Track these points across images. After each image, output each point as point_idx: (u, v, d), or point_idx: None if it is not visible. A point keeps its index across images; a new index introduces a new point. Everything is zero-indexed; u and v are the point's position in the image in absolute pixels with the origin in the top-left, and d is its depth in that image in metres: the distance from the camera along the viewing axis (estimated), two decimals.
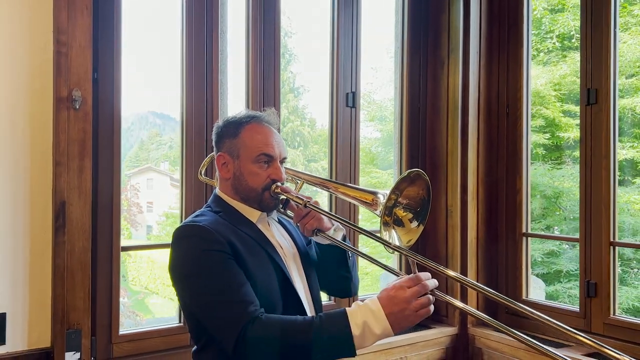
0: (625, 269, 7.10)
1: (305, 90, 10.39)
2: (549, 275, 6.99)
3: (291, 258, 1.70)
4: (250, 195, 1.66)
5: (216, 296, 1.48)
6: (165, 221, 11.28)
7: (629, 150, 7.31)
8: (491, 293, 1.47)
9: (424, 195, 1.57)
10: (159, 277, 11.05)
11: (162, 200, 11.44)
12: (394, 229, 1.56)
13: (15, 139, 2.09)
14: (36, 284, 2.13)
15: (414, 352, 3.09)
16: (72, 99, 2.12)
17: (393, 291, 1.42)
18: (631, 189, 7.21)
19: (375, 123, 9.20)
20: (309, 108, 10.61)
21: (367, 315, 1.40)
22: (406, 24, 3.40)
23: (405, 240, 1.58)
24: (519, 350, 3.01)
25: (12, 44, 2.08)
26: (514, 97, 3.33)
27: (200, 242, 1.54)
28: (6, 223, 2.08)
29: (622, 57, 7.30)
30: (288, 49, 8.88)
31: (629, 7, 7.51)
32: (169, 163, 12.31)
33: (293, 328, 1.42)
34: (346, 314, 1.40)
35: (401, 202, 1.55)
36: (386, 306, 1.40)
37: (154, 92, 4.36)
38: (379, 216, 1.54)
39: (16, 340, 2.10)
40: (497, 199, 3.40)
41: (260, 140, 1.65)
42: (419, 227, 1.59)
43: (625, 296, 6.84)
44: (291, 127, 10.20)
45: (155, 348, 2.56)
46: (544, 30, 8.05)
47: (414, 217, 1.58)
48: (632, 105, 7.15)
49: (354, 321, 1.40)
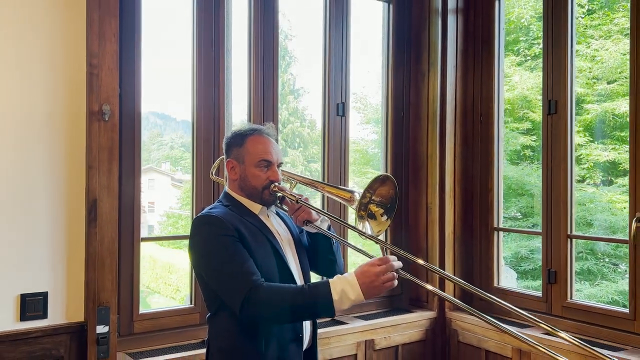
0: (607, 265, 7.48)
1: (305, 91, 10.65)
2: (535, 272, 7.36)
3: (286, 243, 2.11)
4: (253, 193, 2.06)
5: (226, 270, 1.89)
6: (167, 221, 11.52)
7: (611, 152, 7.67)
8: (451, 278, 1.88)
9: (392, 194, 1.98)
10: (160, 276, 11.31)
11: (164, 201, 11.68)
12: (368, 222, 1.97)
13: (55, 146, 2.49)
14: (72, 268, 2.53)
15: (396, 332, 3.50)
16: (102, 113, 2.52)
17: (366, 267, 1.81)
18: (612, 188, 7.59)
19: (371, 125, 9.56)
20: (308, 109, 10.84)
21: (344, 285, 1.79)
22: (391, 40, 3.81)
23: (376, 231, 1.99)
24: (489, 330, 3.42)
25: (52, 66, 2.48)
26: (487, 105, 3.74)
27: (214, 228, 1.94)
28: (47, 217, 2.48)
29: (605, 63, 7.67)
30: (288, 51, 9.15)
31: (611, 15, 7.89)
32: (170, 163, 12.53)
33: (288, 292, 1.83)
34: (329, 283, 1.81)
35: (374, 199, 1.96)
36: (360, 278, 1.79)
37: (155, 93, 4.61)
38: (355, 209, 1.95)
39: (56, 315, 2.50)
40: (472, 197, 3.81)
41: (261, 149, 2.06)
42: (388, 221, 2.00)
43: (605, 290, 7.22)
44: (291, 128, 10.40)
45: (170, 326, 2.97)
46: (532, 36, 8.41)
47: (385, 212, 1.99)
48: (612, 109, 7.53)
49: (334, 289, 1.79)
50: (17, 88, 2.41)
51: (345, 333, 3.28)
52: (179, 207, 11.77)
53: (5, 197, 2.38)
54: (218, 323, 2.03)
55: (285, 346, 1.99)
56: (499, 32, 3.73)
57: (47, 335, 2.46)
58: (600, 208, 7.25)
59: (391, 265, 1.81)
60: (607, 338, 3.07)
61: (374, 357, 3.38)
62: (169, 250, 11.12)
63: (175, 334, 2.97)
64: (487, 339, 3.42)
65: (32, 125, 2.44)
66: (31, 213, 2.44)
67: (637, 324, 2.97)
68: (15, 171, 2.41)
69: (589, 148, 7.47)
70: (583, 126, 7.60)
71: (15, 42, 2.40)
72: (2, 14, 2.37)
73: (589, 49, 7.62)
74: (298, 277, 2.06)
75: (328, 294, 1.78)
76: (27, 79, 2.43)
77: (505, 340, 3.32)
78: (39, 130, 2.46)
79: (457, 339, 3.60)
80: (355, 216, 1.95)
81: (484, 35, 3.75)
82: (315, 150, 10.58)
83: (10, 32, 2.39)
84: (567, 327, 3.24)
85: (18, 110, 2.41)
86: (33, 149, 2.45)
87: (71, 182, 2.53)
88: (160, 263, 11.09)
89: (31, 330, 2.43)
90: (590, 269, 7.20)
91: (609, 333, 3.07)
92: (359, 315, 3.56)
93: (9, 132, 2.39)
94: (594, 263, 7.23)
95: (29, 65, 2.43)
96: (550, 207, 3.37)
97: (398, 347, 3.50)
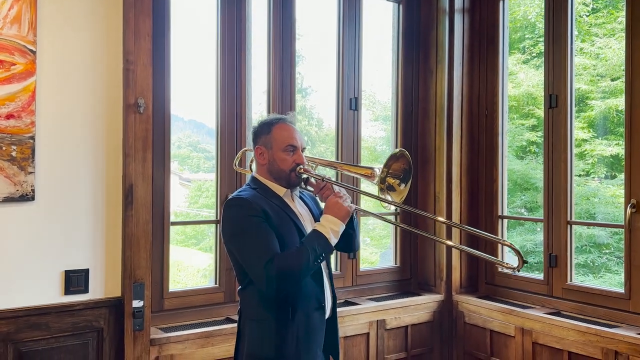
0: (610, 258, 7.65)
1: (312, 90, 10.85)
2: (540, 265, 7.52)
3: (308, 222, 2.33)
4: (281, 175, 2.29)
5: (252, 248, 2.12)
6: (174, 219, 11.81)
7: (615, 147, 7.84)
8: (471, 230, 2.14)
9: (405, 166, 2.30)
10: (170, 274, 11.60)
11: (172, 200, 11.94)
12: (389, 194, 2.24)
13: (96, 136, 2.73)
14: (110, 247, 2.77)
15: (406, 313, 3.72)
16: (137, 105, 2.76)
17: (329, 203, 2.24)
18: (615, 181, 7.75)
19: (379, 122, 9.75)
20: (316, 108, 11.05)
21: (327, 223, 2.19)
22: (400, 38, 4.03)
23: (398, 199, 2.30)
24: (493, 311, 3.64)
25: (92, 63, 2.72)
26: (492, 101, 3.95)
27: (242, 209, 2.17)
28: (88, 201, 2.72)
29: (609, 61, 7.84)
30: (296, 50, 9.40)
31: (615, 14, 8.05)
32: (178, 162, 12.81)
33: (292, 253, 2.11)
34: (317, 230, 2.18)
35: (391, 173, 2.28)
36: (331, 211, 2.22)
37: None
38: (376, 184, 2.20)
39: (96, 290, 2.74)
40: (477, 187, 4.02)
41: (287, 135, 2.29)
42: (406, 187, 2.32)
43: (609, 282, 7.39)
44: (299, 126, 10.62)
45: (197, 303, 3.21)
46: (537, 34, 8.58)
47: (401, 181, 2.26)
48: (616, 105, 7.69)
49: (323, 231, 2.18)
50: (62, 83, 2.65)
51: (358, 313, 3.50)
52: (187, 206, 12.04)
53: (51, 183, 2.62)
54: (248, 295, 2.25)
55: (309, 314, 2.22)
56: (503, 30, 3.94)
57: (88, 308, 2.70)
58: (604, 202, 7.43)
59: (344, 194, 2.29)
60: (604, 317, 3.28)
61: (385, 336, 3.60)
62: (178, 249, 11.41)
63: (200, 311, 3.21)
64: (491, 320, 3.63)
65: (76, 117, 2.69)
66: (74, 197, 2.68)
67: (632, 303, 3.18)
68: (61, 159, 2.65)
69: (593, 143, 7.65)
70: (587, 122, 7.78)
71: (61, 40, 2.64)
72: (47, 14, 2.61)
73: (593, 47, 7.80)
74: None
75: (321, 236, 2.17)
76: (72, 74, 2.67)
77: (509, 320, 3.53)
78: (82, 122, 2.70)
79: (464, 320, 3.82)
80: (377, 189, 2.22)
81: (489, 33, 3.97)
82: (322, 148, 10.76)
83: (57, 31, 2.63)
84: (568, 308, 3.46)
85: (64, 103, 2.66)
86: (77, 139, 2.69)
87: (110, 169, 2.77)
88: (173, 260, 11.35)
89: (74, 303, 2.67)
90: (594, 261, 7.38)
91: (606, 312, 3.28)
92: (371, 297, 3.79)
93: (55, 123, 2.63)
94: (598, 256, 7.41)
95: (73, 61, 2.68)
96: (551, 195, 3.58)
97: (408, 327, 3.72)
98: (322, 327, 2.27)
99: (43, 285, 2.61)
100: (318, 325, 2.25)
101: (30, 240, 2.58)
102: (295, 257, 2.10)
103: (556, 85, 3.56)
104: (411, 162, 2.28)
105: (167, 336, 2.88)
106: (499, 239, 2.21)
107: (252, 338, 2.21)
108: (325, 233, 2.16)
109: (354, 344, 3.50)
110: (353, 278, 3.80)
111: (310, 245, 2.13)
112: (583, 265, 7.32)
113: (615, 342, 3.02)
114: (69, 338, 2.65)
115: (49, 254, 2.62)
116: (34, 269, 2.59)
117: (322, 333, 2.28)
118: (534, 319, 3.41)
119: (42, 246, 2.61)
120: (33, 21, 2.54)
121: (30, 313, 2.56)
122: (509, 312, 3.55)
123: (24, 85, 2.53)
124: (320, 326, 2.26)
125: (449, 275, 3.92)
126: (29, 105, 2.54)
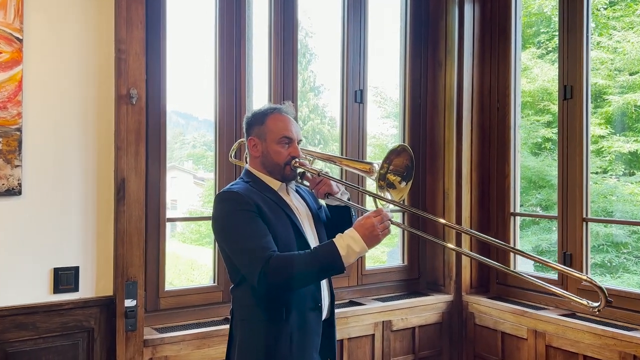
0: (629, 257, 7.44)
1: (325, 89, 10.73)
2: None
3: (305, 217, 2.20)
4: (275, 169, 2.16)
5: (243, 245, 1.98)
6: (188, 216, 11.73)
7: (633, 144, 7.63)
8: (475, 234, 1.99)
9: (407, 163, 2.10)
10: (183, 272, 11.54)
11: (186, 199, 11.87)
12: (388, 191, 2.08)
13: (86, 129, 2.62)
14: (102, 243, 2.66)
15: (413, 314, 3.57)
16: (129, 96, 2.65)
17: (363, 220, 1.93)
18: (634, 178, 7.54)
19: (391, 119, 9.61)
20: (328, 107, 10.94)
21: (348, 240, 1.91)
22: (408, 29, 3.88)
23: (397, 198, 2.10)
24: (505, 313, 3.48)
25: (82, 52, 2.61)
26: (503, 93, 3.79)
27: (234, 204, 2.04)
28: (79, 196, 2.61)
29: (627, 55, 7.64)
30: (309, 48, 9.23)
31: (633, 7, 7.84)
32: (193, 162, 12.75)
33: (297, 258, 1.92)
34: (333, 242, 1.92)
35: (391, 169, 2.09)
36: (360, 230, 1.91)
37: (178, 92, 4.69)
38: (375, 180, 2.04)
39: (86, 289, 2.63)
40: (488, 183, 3.87)
41: (282, 126, 2.15)
42: (407, 186, 2.12)
43: (627, 283, 7.18)
44: (311, 125, 10.44)
45: (194, 303, 3.09)
46: (553, 28, 8.38)
47: (402, 179, 2.09)
48: (634, 100, 7.48)
49: (340, 245, 1.91)
50: (51, 73, 2.54)
51: (363, 313, 3.37)
52: (201, 205, 11.99)
53: (39, 177, 2.52)
54: (241, 294, 2.12)
55: (305, 315, 2.08)
56: (516, 19, 3.78)
57: (78, 307, 2.59)
58: (622, 199, 7.22)
59: (385, 214, 1.95)
60: (622, 319, 3.11)
61: (391, 337, 3.46)
62: (192, 248, 11.33)
63: (198, 311, 3.09)
64: (503, 321, 3.48)
65: (65, 108, 2.58)
66: (64, 192, 2.58)
67: None
68: (49, 152, 2.54)
69: (610, 140, 7.44)
70: (604, 118, 7.57)
71: (49, 28, 2.54)
72: (37, 2, 2.50)
73: (611, 41, 7.59)
74: None
75: (335, 252, 1.90)
76: (61, 63, 2.57)
77: (521, 322, 3.37)
78: (71, 113, 2.59)
79: (474, 321, 3.67)
80: (375, 186, 2.05)
81: (501, 23, 3.80)
82: (335, 147, 10.62)
83: (45, 19, 2.53)
84: (584, 310, 3.29)
85: (52, 94, 2.55)
86: (66, 131, 2.58)
87: (101, 163, 2.66)
88: (184, 260, 11.30)
89: (63, 302, 2.56)
90: (612, 260, 7.18)
91: (624, 314, 3.11)
92: (377, 297, 3.65)
93: (43, 114, 2.53)
94: (615, 255, 7.20)
95: (62, 50, 2.57)
96: (566, 190, 3.41)
97: (415, 328, 3.58)
98: (318, 328, 2.14)
99: (31, 284, 2.51)
100: (314, 327, 2.11)
101: (17, 236, 2.48)
102: (299, 265, 1.90)
103: (571, 75, 3.39)
104: (414, 158, 2.11)
105: (162, 337, 2.77)
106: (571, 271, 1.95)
107: (244, 340, 2.08)
108: (342, 250, 1.90)
109: (358, 345, 3.36)
110: (358, 277, 3.66)
111: (320, 258, 1.91)
112: (600, 265, 7.12)
113: (633, 345, 2.85)
114: (57, 338, 2.55)
115: (37, 251, 2.52)
116: (21, 267, 2.49)
117: (319, 335, 2.14)
118: (548, 321, 3.25)
119: (30, 243, 2.51)
120: (19, 8, 2.44)
121: (17, 312, 2.46)
122: (522, 313, 3.39)
123: (10, 74, 2.43)
124: (316, 327, 2.12)
125: (458, 275, 3.77)
126: (15, 95, 2.44)
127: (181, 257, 11.69)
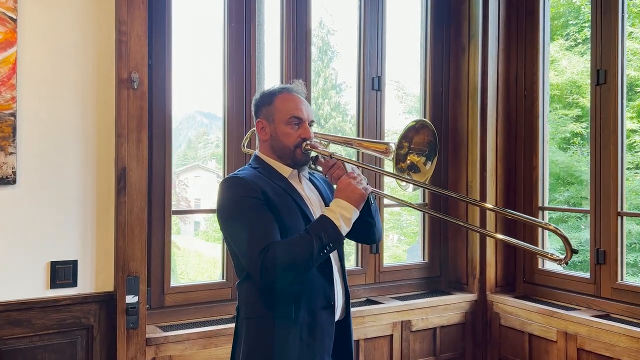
0: None
1: (347, 86, 10.56)
2: (584, 264, 7.06)
3: (317, 207, 2.02)
4: (285, 153, 1.98)
5: (245, 235, 1.82)
6: (212, 217, 11.73)
7: None
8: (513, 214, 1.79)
9: (430, 139, 1.92)
10: (205, 270, 11.52)
11: (210, 198, 11.89)
12: (410, 174, 1.89)
13: (85, 114, 2.48)
14: (102, 236, 2.52)
15: (434, 314, 3.37)
16: (131, 80, 2.50)
17: (340, 185, 1.89)
18: None
19: (413, 115, 9.39)
20: (350, 104, 10.78)
21: (337, 208, 1.85)
22: (429, 13, 3.67)
23: (422, 180, 1.94)
24: (532, 313, 3.26)
25: (82, 34, 2.47)
26: (531, 80, 3.56)
27: (239, 190, 1.88)
28: (77, 185, 2.47)
29: None
30: (330, 46, 9.09)
31: None
32: (216, 161, 12.78)
33: (293, 241, 1.79)
34: (325, 216, 1.85)
35: (413, 148, 1.91)
36: (342, 194, 1.87)
37: (201, 91, 4.60)
38: (392, 161, 1.86)
39: (85, 284, 2.49)
40: (515, 176, 3.64)
41: (291, 106, 1.98)
42: (432, 167, 1.95)
43: None
44: (333, 123, 10.32)
45: (202, 300, 2.93)
46: (582, 20, 8.08)
47: (426, 160, 1.92)
48: None
49: (333, 217, 1.84)
50: (47, 55, 2.41)
51: (380, 313, 3.18)
52: None
53: (35, 165, 2.38)
54: (247, 290, 1.95)
55: (316, 313, 1.90)
56: (544, 2, 3.55)
57: (76, 303, 2.45)
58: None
59: (357, 175, 1.92)
60: None
61: (410, 338, 3.27)
62: (215, 246, 11.31)
63: (206, 308, 2.94)
64: (530, 322, 3.25)
65: (62, 93, 2.44)
66: (61, 181, 2.44)
67: None
68: (46, 139, 2.41)
69: None
70: (637, 112, 7.25)
71: (45, 7, 2.40)
72: None
73: None
74: None
75: (330, 223, 1.83)
76: (58, 45, 2.43)
77: (551, 323, 3.15)
78: (69, 98, 2.45)
79: (499, 322, 3.45)
80: (393, 167, 1.86)
81: (528, 5, 3.58)
82: None
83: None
84: (618, 310, 3.06)
85: (49, 77, 2.41)
86: (63, 117, 2.44)
87: (101, 150, 2.51)
88: (206, 257, 11.28)
89: (61, 298, 2.43)
90: None
91: None
92: (396, 296, 3.46)
93: (39, 99, 2.39)
94: None
95: (59, 30, 2.43)
96: (599, 182, 3.18)
97: (436, 329, 3.38)
98: (330, 329, 1.95)
99: (26, 278, 2.37)
100: (326, 327, 1.93)
101: (11, 227, 2.34)
102: (297, 246, 1.78)
103: (605, 59, 3.16)
104: (436, 133, 1.91)
105: (165, 335, 2.61)
106: (540, 222, 1.80)
107: (249, 339, 1.91)
108: (335, 219, 1.83)
109: (375, 346, 3.17)
110: (376, 274, 3.46)
111: (315, 232, 1.80)
112: (632, 264, 6.80)
113: None
114: (54, 336, 2.41)
115: (32, 244, 2.38)
116: (15, 260, 2.35)
117: (331, 336, 1.95)
118: (579, 323, 3.01)
119: (25, 235, 2.37)
120: None
121: (12, 308, 2.32)
122: (551, 314, 3.17)
123: (4, 56, 2.29)
124: (328, 328, 1.94)
125: (483, 273, 3.55)
126: (9, 78, 2.31)
127: (203, 255, 11.67)
